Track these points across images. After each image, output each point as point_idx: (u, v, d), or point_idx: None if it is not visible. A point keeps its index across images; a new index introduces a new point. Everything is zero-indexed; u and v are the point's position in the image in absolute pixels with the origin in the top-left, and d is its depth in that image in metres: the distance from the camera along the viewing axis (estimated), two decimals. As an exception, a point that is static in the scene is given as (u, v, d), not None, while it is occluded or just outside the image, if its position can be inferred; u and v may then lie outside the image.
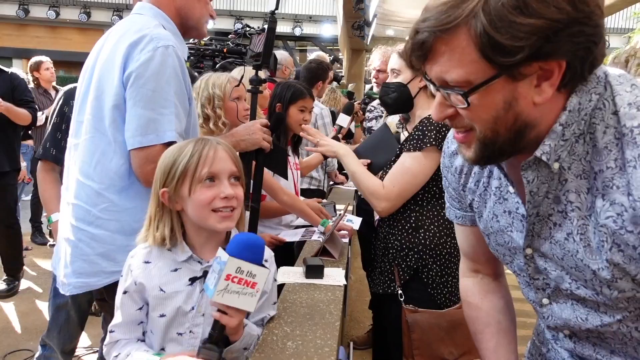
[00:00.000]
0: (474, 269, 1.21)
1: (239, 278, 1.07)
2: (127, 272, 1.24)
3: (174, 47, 1.46)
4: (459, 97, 0.78)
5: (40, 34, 15.18)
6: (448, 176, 1.11)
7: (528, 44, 0.71)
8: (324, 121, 3.76)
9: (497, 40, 0.72)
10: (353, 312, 3.88)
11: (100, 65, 1.52)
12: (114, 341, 1.24)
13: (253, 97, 1.85)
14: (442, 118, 0.85)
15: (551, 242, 0.89)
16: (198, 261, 1.24)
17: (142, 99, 1.42)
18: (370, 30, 9.56)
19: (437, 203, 1.86)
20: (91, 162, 1.50)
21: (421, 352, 1.76)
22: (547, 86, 0.76)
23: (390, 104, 1.98)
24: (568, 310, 0.93)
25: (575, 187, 0.83)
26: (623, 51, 9.64)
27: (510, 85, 0.76)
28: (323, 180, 3.71)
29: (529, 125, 0.80)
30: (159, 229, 1.23)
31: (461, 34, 0.75)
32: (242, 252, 1.09)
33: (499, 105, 0.78)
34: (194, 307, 1.22)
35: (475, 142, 0.83)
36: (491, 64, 0.74)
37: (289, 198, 2.30)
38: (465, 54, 0.75)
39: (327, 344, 1.25)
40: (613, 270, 0.81)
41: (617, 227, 0.77)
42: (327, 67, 4.16)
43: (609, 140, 0.78)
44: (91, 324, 2.30)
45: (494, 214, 0.98)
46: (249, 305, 1.10)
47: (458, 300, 1.87)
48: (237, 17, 14.87)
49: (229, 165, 1.22)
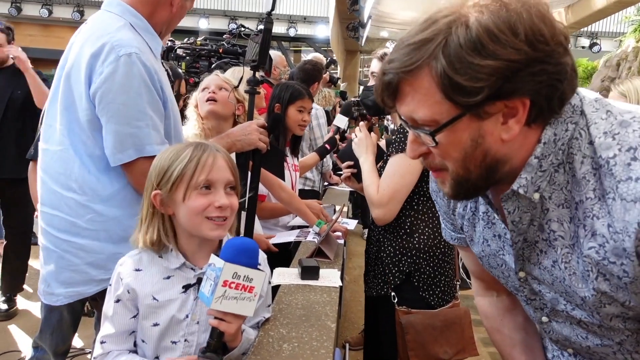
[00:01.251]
0: (486, 288, 1.21)
1: (237, 283, 1.06)
2: (117, 281, 1.21)
3: (137, 53, 1.41)
4: (427, 136, 0.79)
5: (32, 32, 15.07)
6: (438, 200, 1.11)
7: (488, 84, 0.72)
8: (319, 121, 3.77)
9: (456, 81, 0.73)
10: (347, 313, 3.88)
11: (67, 71, 1.48)
12: (106, 352, 1.19)
13: (250, 97, 1.84)
14: (416, 156, 0.86)
15: (540, 268, 0.89)
16: (191, 268, 1.21)
17: (115, 115, 1.39)
18: (364, 31, 9.59)
19: (431, 204, 1.86)
20: (70, 174, 1.47)
21: (416, 354, 1.76)
22: (513, 123, 0.77)
23: (370, 106, 2.04)
24: (567, 329, 0.94)
25: (557, 216, 0.83)
26: (614, 55, 9.70)
27: (476, 124, 0.77)
28: (318, 181, 3.71)
29: (500, 161, 0.80)
30: (149, 232, 1.20)
31: (424, 75, 0.76)
32: (237, 256, 1.08)
33: (467, 144, 0.78)
34: (189, 315, 1.20)
35: (449, 180, 0.84)
36: (454, 104, 0.75)
37: (286, 195, 2.30)
38: (429, 95, 0.76)
39: (323, 346, 1.25)
40: (601, 298, 0.80)
41: (600, 258, 0.77)
42: (321, 68, 4.17)
43: (586, 171, 0.78)
44: (83, 325, 2.26)
45: (484, 239, 0.98)
46: (247, 310, 1.09)
47: (451, 299, 1.88)
48: (232, 17, 14.83)
49: (226, 174, 1.20)
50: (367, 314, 2.20)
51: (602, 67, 9.68)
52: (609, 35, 14.06)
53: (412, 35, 0.77)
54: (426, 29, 0.76)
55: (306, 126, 2.65)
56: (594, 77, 9.85)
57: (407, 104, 0.79)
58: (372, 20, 8.72)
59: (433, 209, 1.85)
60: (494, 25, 0.72)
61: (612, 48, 12.46)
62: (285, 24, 14.92)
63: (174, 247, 1.21)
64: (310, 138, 3.74)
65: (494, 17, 0.72)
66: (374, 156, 1.99)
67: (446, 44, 0.73)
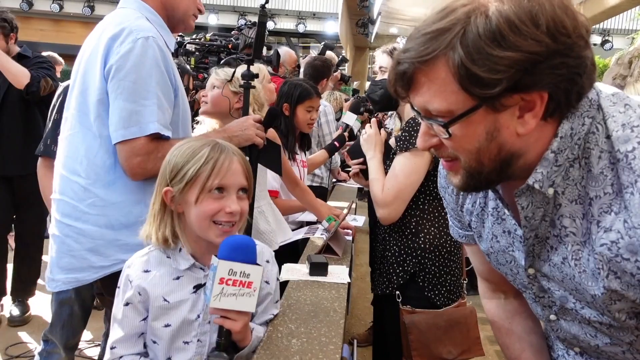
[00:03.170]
0: (493, 290, 1.19)
1: (233, 280, 1.06)
2: (126, 283, 1.20)
3: (154, 37, 1.45)
4: (440, 128, 0.78)
5: (43, 26, 15.16)
6: (446, 196, 1.10)
7: (506, 76, 0.70)
8: (327, 118, 3.76)
9: (474, 73, 0.71)
10: (354, 310, 3.88)
11: (85, 60, 1.52)
12: (117, 357, 1.19)
13: (245, 92, 1.83)
14: (427, 147, 0.84)
15: (550, 265, 0.88)
16: (201, 268, 1.21)
17: (124, 92, 1.41)
18: (374, 28, 9.55)
19: (437, 203, 1.84)
20: (76, 157, 1.49)
21: (420, 353, 1.75)
22: (530, 117, 0.75)
23: (377, 100, 1.98)
24: (576, 327, 0.92)
25: (569, 212, 0.81)
26: (627, 52, 9.60)
27: (492, 116, 0.75)
28: (326, 177, 3.71)
29: (515, 155, 0.79)
30: (161, 229, 1.19)
31: (440, 65, 0.74)
32: (231, 253, 1.08)
33: (481, 136, 0.77)
34: (200, 315, 1.19)
35: (461, 171, 0.82)
36: (471, 96, 0.73)
37: (300, 191, 2.32)
38: (445, 85, 0.75)
39: (331, 342, 1.25)
40: (611, 295, 0.79)
41: (613, 255, 0.75)
42: (331, 65, 4.15)
43: (604, 166, 0.76)
44: (93, 318, 2.29)
45: (494, 235, 0.97)
46: (248, 305, 1.08)
47: (457, 299, 1.87)
48: (241, 13, 14.83)
49: (240, 179, 1.18)
50: (375, 311, 2.20)
51: (613, 65, 9.55)
52: (622, 33, 13.88)
53: (428, 24, 0.76)
54: (444, 18, 0.74)
55: (314, 124, 2.65)
56: (605, 75, 9.74)
57: (422, 94, 0.78)
58: (382, 17, 8.69)
59: (439, 208, 1.84)
60: (515, 15, 0.70)
61: (624, 45, 12.30)
62: (295, 20, 14.89)
63: (184, 247, 1.20)
64: (318, 135, 3.74)
65: (515, 7, 0.71)
66: (381, 154, 1.98)
67: (464, 34, 0.72)
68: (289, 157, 2.50)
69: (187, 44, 3.44)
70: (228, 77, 2.05)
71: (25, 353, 2.90)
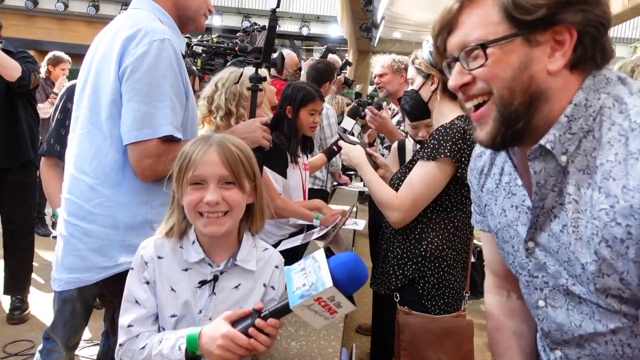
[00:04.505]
0: (499, 285, 1.22)
1: (327, 304, 1.03)
2: (142, 264, 1.21)
3: (169, 40, 1.45)
4: (478, 51, 0.85)
5: (48, 25, 15.21)
6: (471, 179, 1.15)
7: (547, 3, 0.81)
8: (329, 121, 3.77)
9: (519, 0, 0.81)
10: (360, 300, 3.88)
11: (98, 60, 1.52)
12: (134, 335, 1.18)
13: (253, 95, 1.85)
14: (459, 85, 0.91)
15: (549, 235, 0.92)
16: (209, 264, 1.22)
17: (138, 94, 1.41)
18: (377, 32, 9.57)
19: (445, 216, 1.83)
20: (86, 157, 1.49)
21: (409, 354, 1.75)
22: (559, 55, 0.84)
23: (409, 110, 2.00)
24: (562, 314, 0.95)
25: (576, 180, 0.86)
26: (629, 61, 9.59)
27: (526, 49, 0.84)
28: (326, 180, 3.72)
29: (543, 94, 0.85)
30: (169, 221, 1.23)
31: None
32: (346, 283, 1.02)
33: (515, 65, 0.84)
34: (202, 310, 1.20)
35: (492, 112, 0.88)
36: (510, 25, 0.83)
37: (281, 202, 2.33)
38: (488, 16, 0.85)
39: (330, 345, 1.26)
40: (601, 265, 0.83)
41: (609, 220, 0.80)
42: (334, 69, 4.17)
43: (612, 136, 0.82)
44: (92, 317, 2.30)
45: (502, 209, 1.02)
46: (317, 324, 1.08)
47: (453, 312, 1.85)
48: (245, 14, 14.86)
49: (217, 169, 1.16)
50: (375, 309, 2.20)
51: (616, 73, 9.56)
52: (624, 41, 13.89)
53: None
54: None
55: (317, 127, 2.66)
56: (607, 83, 9.73)
57: (465, 27, 0.88)
58: (385, 21, 8.70)
59: (446, 221, 1.84)
60: None
61: (627, 54, 12.31)
62: (298, 22, 14.92)
63: (196, 240, 1.22)
64: (320, 138, 3.75)
65: None
66: (368, 164, 2.00)
67: None
68: (291, 160, 2.51)
69: (194, 46, 3.46)
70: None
71: (24, 351, 2.90)
